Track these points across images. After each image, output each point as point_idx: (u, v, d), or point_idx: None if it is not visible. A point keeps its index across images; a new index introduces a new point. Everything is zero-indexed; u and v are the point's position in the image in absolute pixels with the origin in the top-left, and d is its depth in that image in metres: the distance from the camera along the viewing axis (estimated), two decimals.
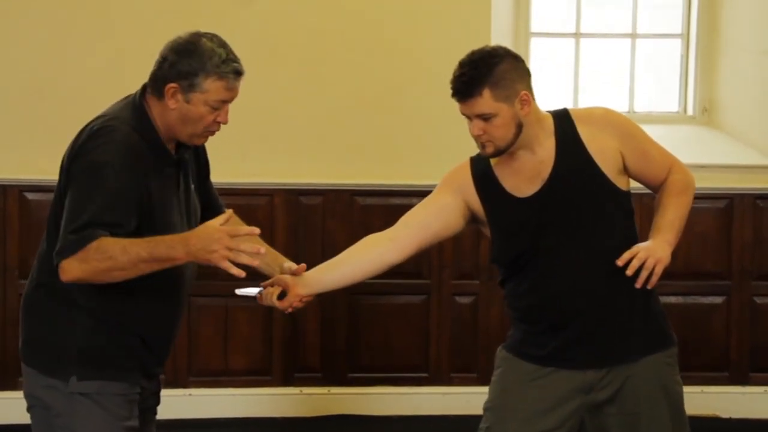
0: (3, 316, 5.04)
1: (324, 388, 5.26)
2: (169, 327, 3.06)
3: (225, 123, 2.97)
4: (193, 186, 3.09)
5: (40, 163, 5.05)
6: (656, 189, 3.19)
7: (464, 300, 5.30)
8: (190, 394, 5.17)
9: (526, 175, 3.08)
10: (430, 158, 5.16)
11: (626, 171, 3.11)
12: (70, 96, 5.06)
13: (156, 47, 2.97)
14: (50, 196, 4.93)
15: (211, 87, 2.89)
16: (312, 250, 5.19)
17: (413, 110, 5.24)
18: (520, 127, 3.02)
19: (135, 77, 5.04)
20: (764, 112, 5.52)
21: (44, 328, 2.95)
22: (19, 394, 4.96)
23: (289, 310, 3.13)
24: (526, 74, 3.05)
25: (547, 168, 3.06)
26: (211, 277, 3.76)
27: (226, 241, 2.72)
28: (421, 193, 5.15)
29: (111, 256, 2.73)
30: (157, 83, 2.93)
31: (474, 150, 3.13)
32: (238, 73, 2.92)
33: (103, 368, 2.91)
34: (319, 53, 5.20)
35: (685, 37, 5.77)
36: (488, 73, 2.98)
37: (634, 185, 3.14)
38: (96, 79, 5.04)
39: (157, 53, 2.94)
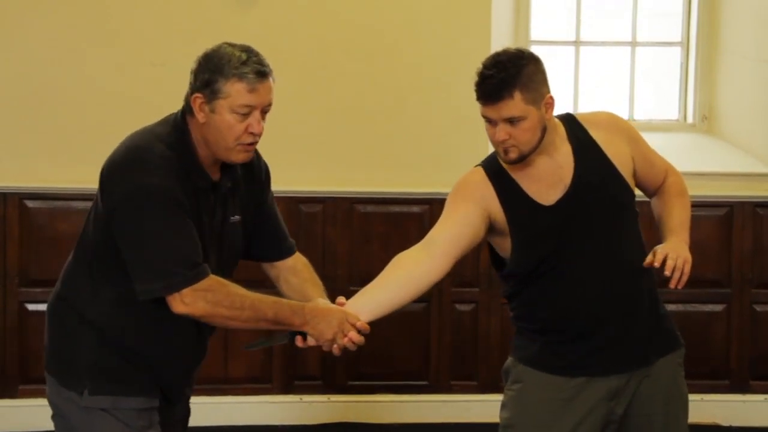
0: (3, 324, 5.02)
1: (324, 396, 5.25)
2: (182, 365, 2.99)
3: (258, 133, 2.78)
4: (237, 218, 2.95)
5: (40, 171, 5.04)
6: (652, 194, 3.20)
7: (464, 308, 5.29)
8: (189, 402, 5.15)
9: (547, 181, 3.02)
10: (431, 166, 5.16)
11: (633, 175, 3.11)
12: (71, 104, 5.05)
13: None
14: (51, 203, 5.02)
15: (231, 90, 2.73)
16: (312, 258, 5.12)
17: (413, 118, 5.24)
18: (544, 131, 2.97)
19: (136, 85, 5.05)
20: (764, 120, 5.51)
21: (60, 339, 2.91)
22: (19, 402, 5.01)
23: (350, 346, 3.01)
24: (547, 77, 2.99)
25: (567, 173, 3.02)
26: None
27: (344, 326, 2.92)
28: (421, 201, 5.23)
29: (240, 308, 2.77)
30: (186, 99, 2.82)
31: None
32: (261, 75, 2.74)
33: (115, 383, 2.85)
34: (319, 60, 5.19)
35: (685, 45, 5.77)
36: (518, 75, 2.89)
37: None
38: (96, 87, 5.03)
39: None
